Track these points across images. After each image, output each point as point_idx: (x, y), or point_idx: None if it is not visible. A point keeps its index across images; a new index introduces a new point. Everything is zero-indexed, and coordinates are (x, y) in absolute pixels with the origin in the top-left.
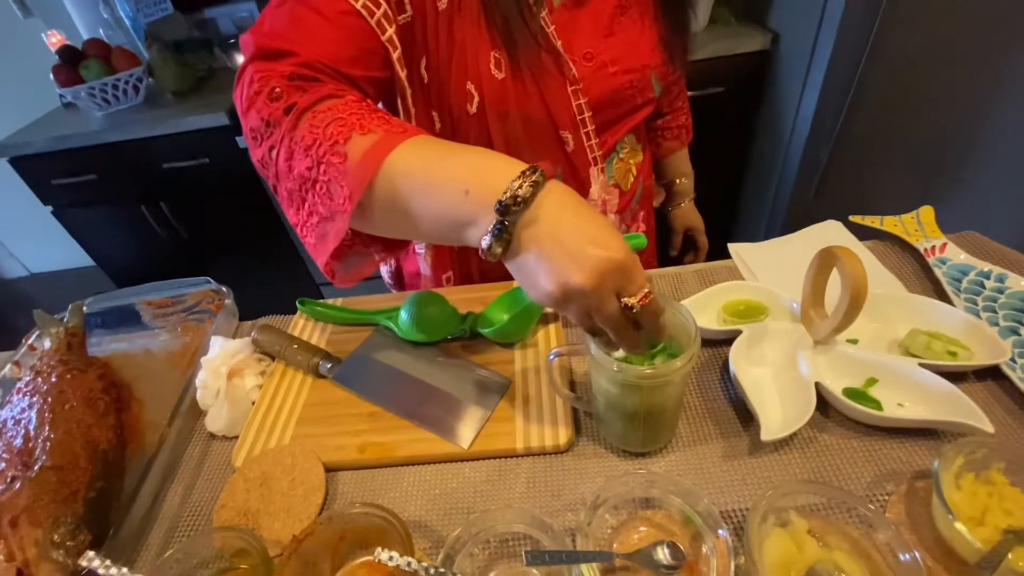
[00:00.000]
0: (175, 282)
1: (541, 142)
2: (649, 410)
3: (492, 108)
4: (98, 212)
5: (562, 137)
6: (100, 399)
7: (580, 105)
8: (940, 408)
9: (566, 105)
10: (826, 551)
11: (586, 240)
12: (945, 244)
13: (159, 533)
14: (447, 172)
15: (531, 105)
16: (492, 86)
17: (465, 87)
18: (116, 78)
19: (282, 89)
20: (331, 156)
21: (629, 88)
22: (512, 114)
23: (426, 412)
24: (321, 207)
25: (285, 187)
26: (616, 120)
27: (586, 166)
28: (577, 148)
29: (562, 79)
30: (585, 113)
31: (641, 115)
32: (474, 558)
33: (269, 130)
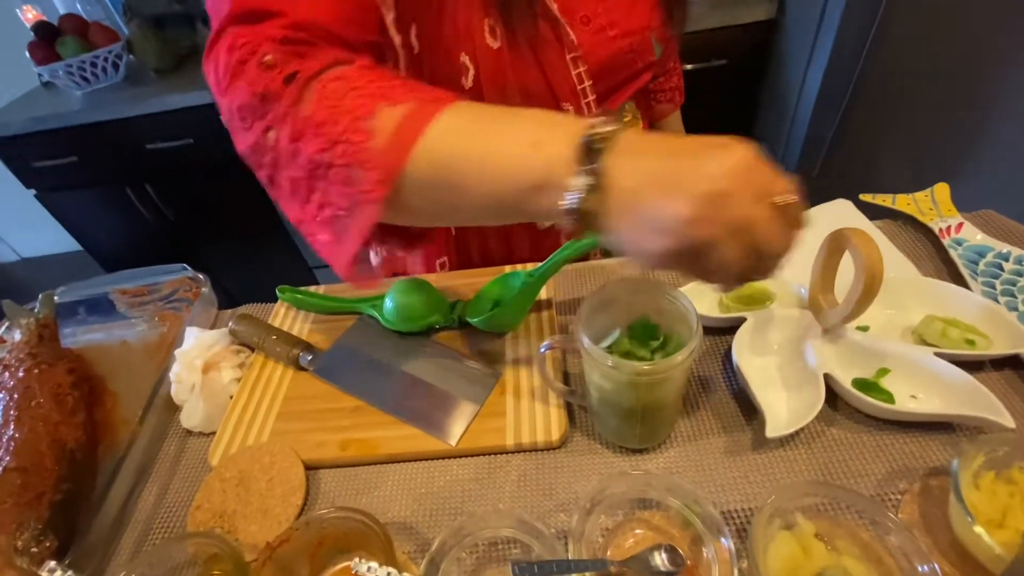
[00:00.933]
0: (150, 269)
1: None
2: (646, 407)
3: (489, 82)
4: (82, 195)
5: (563, 108)
6: (69, 395)
7: (580, 74)
8: (957, 401)
9: (565, 74)
10: (835, 556)
11: (703, 144)
12: (961, 224)
13: (132, 536)
14: (507, 131)
15: (529, 76)
16: (488, 57)
17: (459, 59)
18: (94, 55)
19: (276, 55)
20: (352, 135)
21: (629, 52)
22: (510, 87)
23: (412, 407)
24: (338, 197)
25: (287, 176)
26: (616, 87)
27: None
28: None
29: (560, 46)
30: (585, 82)
31: (641, 81)
32: (461, 563)
33: (265, 107)
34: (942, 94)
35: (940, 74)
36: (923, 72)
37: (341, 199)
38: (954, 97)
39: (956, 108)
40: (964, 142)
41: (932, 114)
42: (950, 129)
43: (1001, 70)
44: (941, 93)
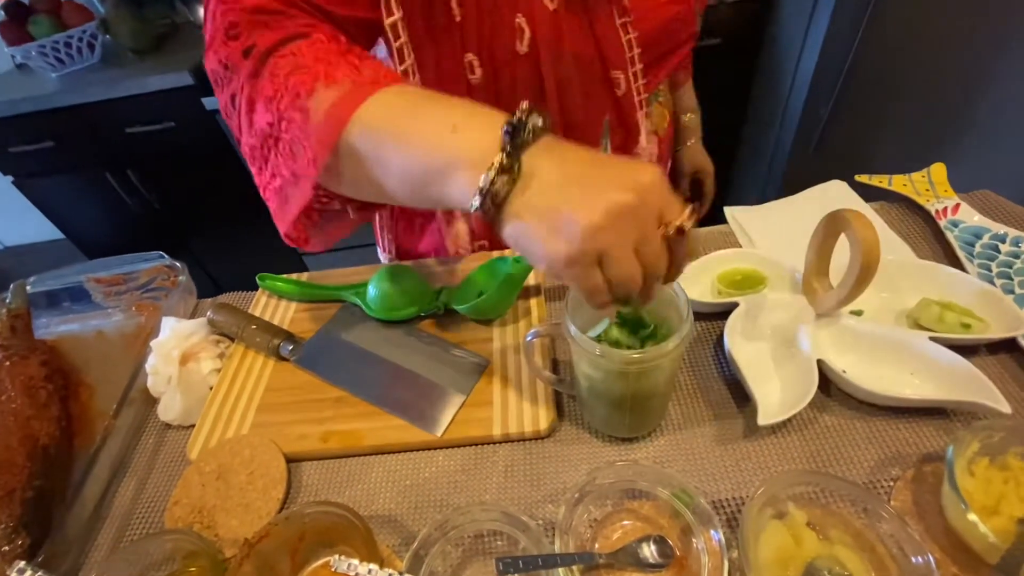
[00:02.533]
0: (126, 257)
1: (592, 85)
2: (636, 395)
3: (546, 45)
4: (61, 182)
5: (613, 78)
6: (42, 388)
7: (630, 40)
8: (952, 386)
9: (616, 40)
10: (826, 545)
11: (616, 160)
12: (958, 205)
13: (108, 533)
14: (431, 114)
15: (583, 41)
16: (545, 19)
17: (514, 21)
18: (68, 35)
19: (242, 26)
20: (292, 112)
21: (676, 21)
22: (564, 54)
23: (396, 397)
24: (284, 168)
25: (247, 143)
26: (661, 57)
27: (634, 111)
28: (627, 91)
29: (612, 11)
30: (635, 50)
31: (683, 52)
32: (447, 557)
33: (228, 75)
34: (939, 74)
35: (937, 54)
36: (920, 52)
37: (286, 170)
38: (951, 77)
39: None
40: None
41: (929, 94)
42: (947, 109)
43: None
44: (938, 73)
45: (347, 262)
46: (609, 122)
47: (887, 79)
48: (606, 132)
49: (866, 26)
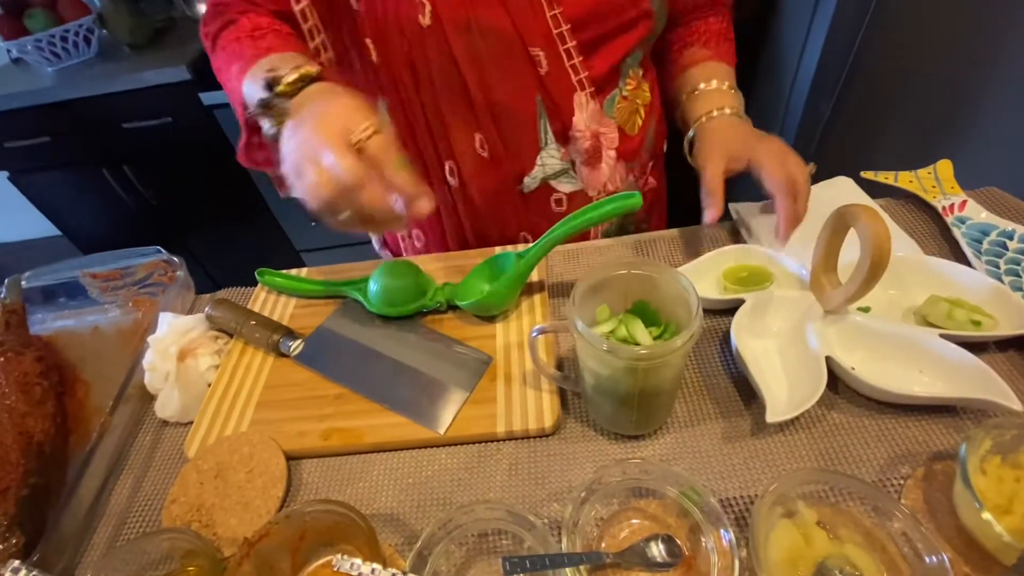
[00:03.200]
0: (122, 252)
1: (510, 62)
2: (643, 392)
3: (449, 19)
4: (57, 177)
5: (533, 55)
6: (37, 384)
7: (556, 17)
8: (962, 383)
9: (537, 16)
10: (837, 544)
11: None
12: (965, 201)
13: (104, 532)
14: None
15: (493, 16)
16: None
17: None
18: (64, 29)
19: (207, 15)
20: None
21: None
22: (475, 28)
23: (398, 394)
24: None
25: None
26: (606, 38)
27: (567, 92)
28: (554, 70)
29: None
30: (562, 26)
31: (638, 33)
32: (450, 556)
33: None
34: (944, 69)
35: (942, 49)
36: (925, 47)
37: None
38: (957, 72)
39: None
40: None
41: (934, 90)
42: (953, 105)
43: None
44: (943, 68)
45: (346, 258)
46: (543, 101)
47: (891, 75)
48: (541, 112)
49: (870, 21)
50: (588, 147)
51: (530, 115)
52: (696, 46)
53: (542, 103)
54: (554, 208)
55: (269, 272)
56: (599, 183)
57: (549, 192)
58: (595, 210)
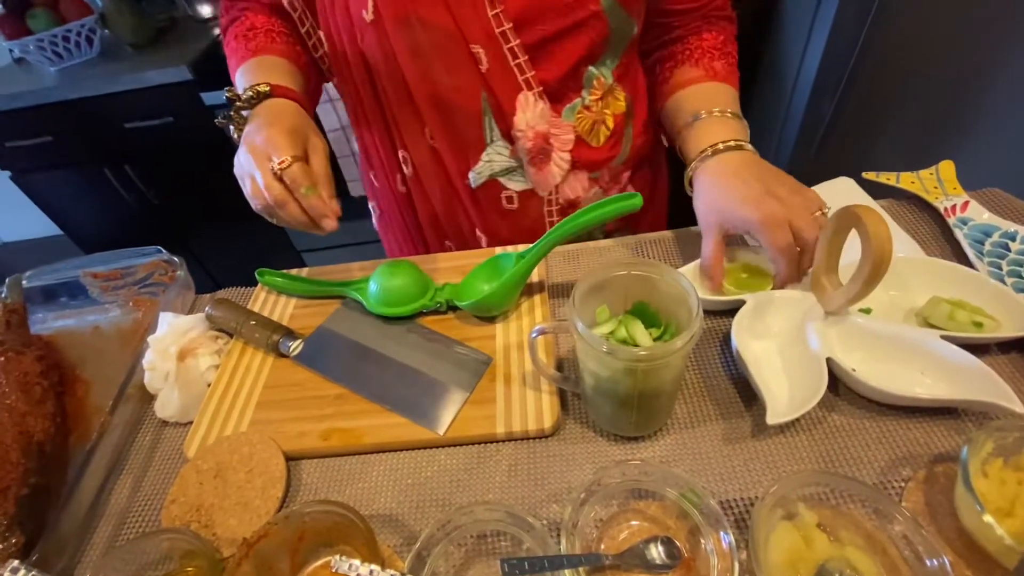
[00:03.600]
0: (123, 252)
1: (452, 58)
2: (643, 394)
3: (390, 15)
4: (59, 176)
5: (473, 53)
6: (38, 383)
7: (498, 15)
8: (964, 385)
9: (478, 14)
10: (837, 547)
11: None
12: (967, 202)
13: (104, 532)
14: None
15: (434, 12)
16: None
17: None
18: (66, 29)
19: (222, 8)
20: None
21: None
22: (415, 23)
23: (398, 394)
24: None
25: None
26: (553, 40)
27: (511, 91)
28: (495, 68)
29: None
30: (504, 25)
31: (588, 36)
32: (449, 557)
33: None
34: (946, 70)
35: (944, 49)
36: (926, 47)
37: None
38: (958, 74)
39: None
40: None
41: (936, 91)
42: (954, 106)
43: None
44: (945, 69)
45: (347, 258)
46: (487, 99)
47: (893, 76)
48: (486, 109)
49: (872, 21)
50: (531, 147)
51: (475, 111)
52: (687, 65)
53: (487, 100)
54: (505, 206)
55: (269, 272)
56: (548, 184)
57: (499, 189)
58: (595, 211)
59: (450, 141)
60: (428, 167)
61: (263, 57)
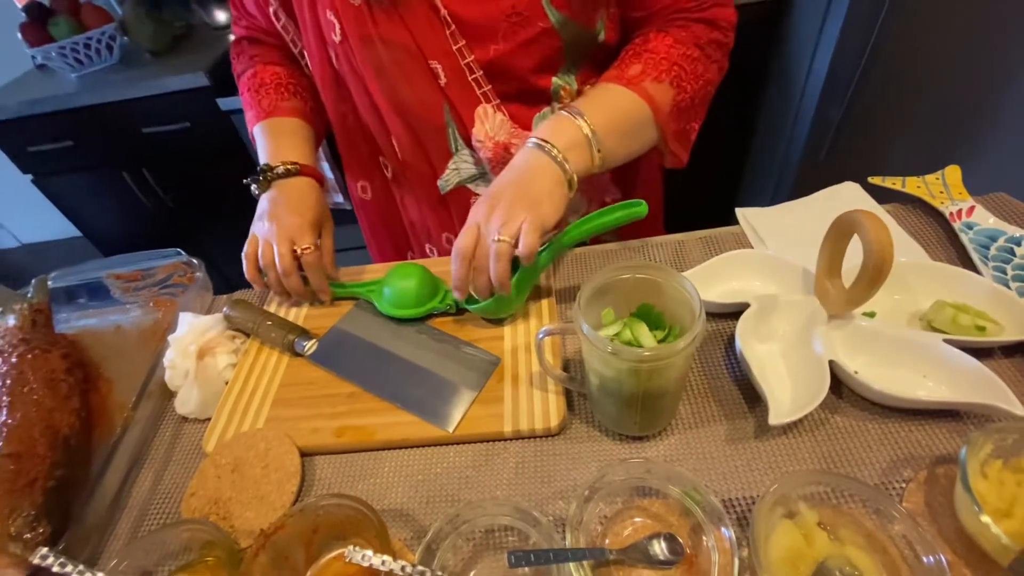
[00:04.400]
0: (144, 254)
1: (412, 73)
2: (647, 394)
3: (355, 36)
4: (79, 180)
5: (432, 67)
6: (63, 380)
7: (453, 33)
8: (966, 388)
9: (436, 33)
10: (838, 545)
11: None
12: (973, 207)
13: (127, 522)
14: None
15: (395, 31)
16: (348, 12)
17: (326, 16)
18: (87, 36)
19: (233, 55)
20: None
21: (512, 15)
22: (376, 41)
23: (408, 393)
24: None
25: None
26: (506, 56)
27: (470, 104)
28: (453, 82)
29: (425, 2)
30: (460, 42)
31: (541, 50)
32: (458, 551)
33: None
34: (954, 76)
35: (952, 56)
36: (932, 55)
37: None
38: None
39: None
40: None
41: (943, 96)
42: (962, 111)
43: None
44: (953, 75)
45: (353, 262)
46: (449, 111)
47: (901, 81)
48: (449, 121)
49: (880, 27)
50: (491, 156)
51: (439, 124)
52: (613, 66)
53: (449, 112)
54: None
55: None
56: None
57: (468, 195)
58: (602, 217)
59: (417, 152)
60: (399, 177)
61: (277, 120)
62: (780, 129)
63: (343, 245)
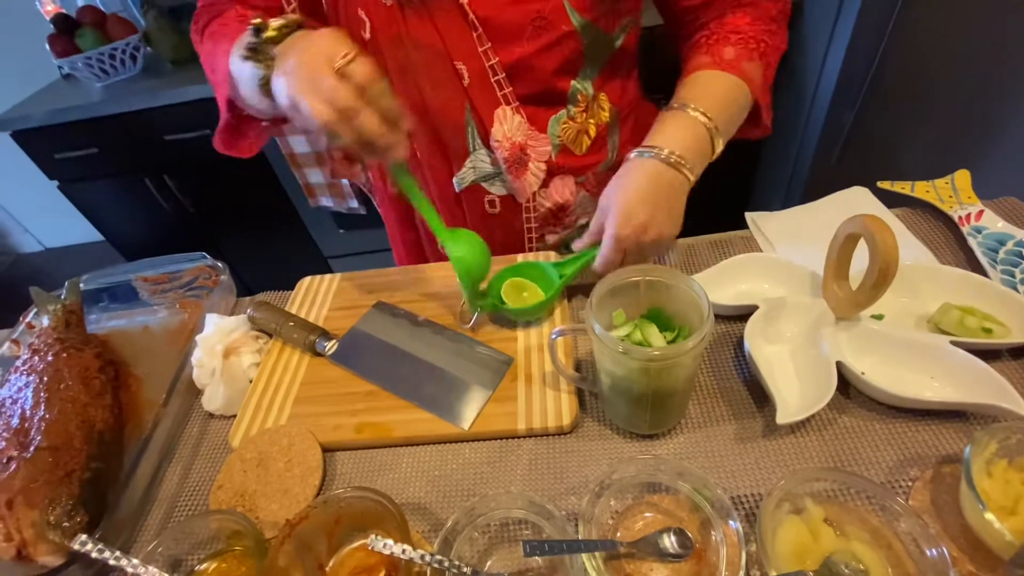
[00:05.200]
0: (170, 258)
1: (437, 73)
2: (657, 393)
3: (384, 35)
4: (103, 186)
5: (457, 69)
6: (97, 378)
7: (479, 36)
8: (972, 389)
9: (463, 36)
10: (843, 540)
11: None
12: (982, 211)
13: (158, 513)
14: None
15: (424, 32)
16: (380, 12)
17: (357, 13)
18: (112, 47)
19: (199, 9)
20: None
21: (536, 19)
22: (405, 41)
23: (425, 391)
24: (220, 104)
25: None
26: (529, 57)
27: (491, 105)
28: (476, 83)
29: (456, 7)
30: (486, 44)
31: (563, 52)
32: (474, 543)
33: (196, 42)
34: (963, 81)
35: (961, 61)
36: (944, 59)
37: (221, 106)
38: (976, 84)
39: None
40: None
41: (953, 101)
42: (972, 116)
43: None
44: (962, 80)
45: (370, 264)
46: (470, 111)
47: (912, 85)
48: (468, 121)
49: (891, 32)
50: (508, 156)
51: (460, 123)
52: (700, 52)
53: (470, 112)
54: (488, 209)
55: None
56: (525, 191)
57: (482, 193)
58: None
59: (435, 150)
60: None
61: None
62: (792, 133)
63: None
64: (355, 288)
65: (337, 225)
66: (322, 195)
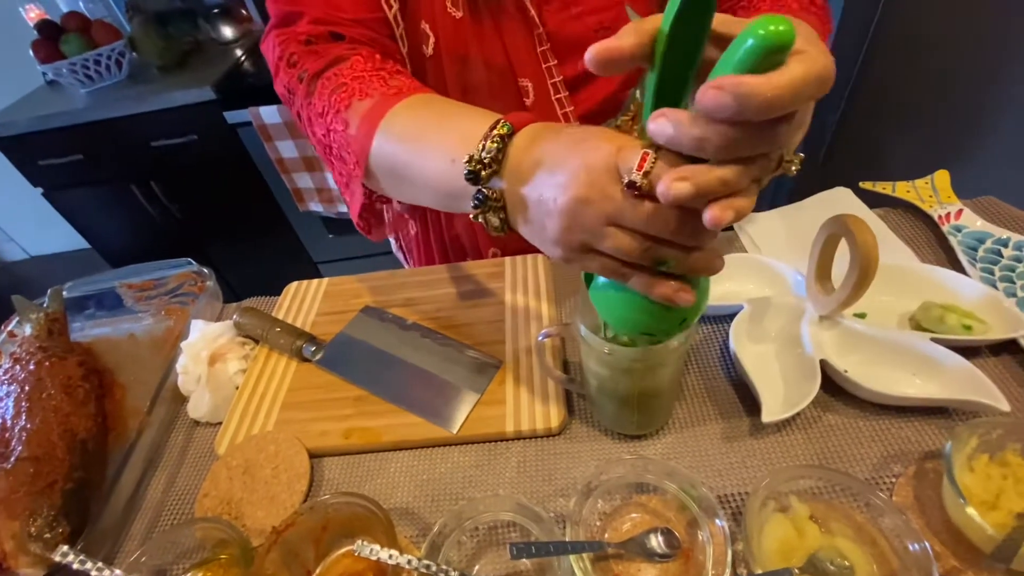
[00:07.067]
0: (156, 264)
1: (501, 91)
2: (643, 393)
3: (448, 51)
4: (88, 193)
5: (521, 86)
6: (80, 386)
7: (545, 52)
8: (953, 385)
9: (529, 51)
10: (828, 537)
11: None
12: (961, 210)
13: (142, 523)
14: (435, 139)
15: (491, 49)
16: (448, 26)
17: (420, 26)
18: (97, 53)
19: (298, 56)
20: (336, 123)
21: (599, 30)
22: (471, 59)
23: (413, 395)
24: (340, 170)
25: (317, 150)
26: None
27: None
28: (539, 100)
29: (524, 22)
30: (551, 61)
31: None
32: (462, 547)
33: (291, 98)
34: (946, 82)
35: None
36: (926, 60)
37: (343, 172)
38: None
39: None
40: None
41: (935, 102)
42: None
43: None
44: (945, 81)
45: (360, 269)
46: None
47: (894, 87)
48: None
49: (873, 34)
50: None
51: None
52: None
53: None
54: None
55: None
56: None
57: None
58: None
59: None
60: None
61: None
62: None
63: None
64: (342, 293)
65: (327, 230)
66: (311, 200)
